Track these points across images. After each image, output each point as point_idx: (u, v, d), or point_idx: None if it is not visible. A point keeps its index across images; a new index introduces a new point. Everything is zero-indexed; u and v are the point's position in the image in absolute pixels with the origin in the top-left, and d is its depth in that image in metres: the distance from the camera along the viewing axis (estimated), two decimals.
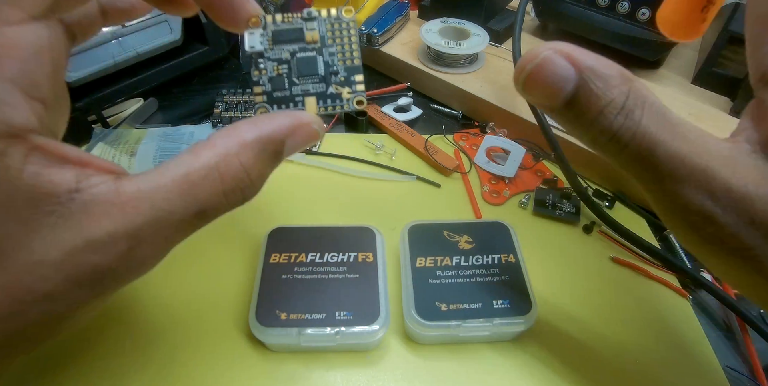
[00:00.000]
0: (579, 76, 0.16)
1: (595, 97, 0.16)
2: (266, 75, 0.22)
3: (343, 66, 0.22)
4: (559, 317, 0.30)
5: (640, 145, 0.17)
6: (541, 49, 0.17)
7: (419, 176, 0.38)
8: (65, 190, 0.15)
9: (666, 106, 0.17)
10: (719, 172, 0.16)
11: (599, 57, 0.17)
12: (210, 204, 0.17)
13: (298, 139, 0.19)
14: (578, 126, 0.18)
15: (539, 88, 0.17)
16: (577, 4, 0.46)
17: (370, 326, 0.26)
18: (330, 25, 0.22)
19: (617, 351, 0.29)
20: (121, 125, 0.40)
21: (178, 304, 0.30)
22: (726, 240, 0.17)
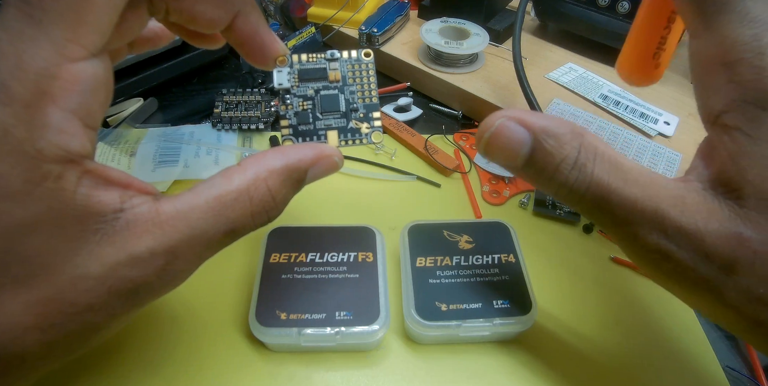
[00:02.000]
0: (533, 137, 0.18)
1: (549, 155, 0.18)
2: (292, 110, 0.24)
3: (362, 104, 0.24)
4: (559, 317, 0.30)
5: (594, 195, 0.18)
6: (496, 117, 0.19)
7: (419, 176, 0.38)
8: (111, 209, 0.17)
9: (617, 153, 0.19)
10: (669, 211, 0.18)
11: (551, 117, 0.19)
12: (239, 224, 0.19)
13: (320, 169, 0.21)
14: (539, 182, 0.19)
15: (499, 152, 0.19)
16: (577, 4, 0.46)
17: (370, 326, 0.26)
18: (351, 65, 0.25)
19: (617, 350, 0.29)
20: (121, 125, 0.40)
21: (177, 304, 0.30)
22: (685, 274, 0.18)
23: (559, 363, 0.28)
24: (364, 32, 0.46)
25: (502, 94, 0.42)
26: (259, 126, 0.40)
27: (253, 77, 0.46)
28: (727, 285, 0.17)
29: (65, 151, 0.16)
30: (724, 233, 0.17)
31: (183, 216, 0.18)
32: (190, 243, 0.18)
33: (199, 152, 0.38)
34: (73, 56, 0.16)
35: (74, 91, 0.16)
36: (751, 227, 0.17)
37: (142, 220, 0.17)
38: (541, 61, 0.46)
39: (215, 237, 0.19)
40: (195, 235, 0.18)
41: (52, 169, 0.15)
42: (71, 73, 0.16)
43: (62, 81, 0.16)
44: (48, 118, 0.15)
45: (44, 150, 0.15)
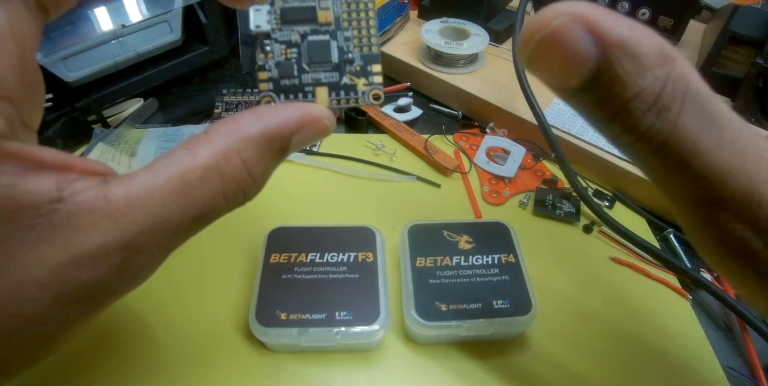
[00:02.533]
0: (603, 54, 0.13)
1: (621, 84, 0.13)
2: (273, 59, 0.19)
3: (359, 53, 0.20)
4: (559, 317, 0.30)
5: (672, 153, 0.13)
6: (554, 12, 0.13)
7: (419, 176, 0.38)
8: (46, 200, 0.13)
9: (715, 95, 0.14)
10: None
11: (634, 25, 0.13)
12: (209, 207, 0.15)
13: (307, 135, 0.17)
14: (597, 117, 0.14)
15: (548, 65, 0.14)
16: None
17: (370, 326, 0.26)
18: (346, 5, 0.20)
19: (617, 351, 0.29)
20: (121, 125, 0.40)
21: (177, 304, 0.30)
22: (765, 278, 0.14)
23: (559, 363, 0.28)
24: None
25: (502, 94, 0.42)
26: None
27: (253, 77, 0.46)
28: None
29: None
30: None
31: (139, 203, 0.14)
32: (151, 235, 0.15)
33: None
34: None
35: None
36: None
37: (88, 210, 0.14)
38: None
39: (181, 224, 0.15)
40: (156, 224, 0.15)
41: None
42: None
43: None
44: None
45: None
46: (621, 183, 0.38)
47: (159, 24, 0.41)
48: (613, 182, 0.38)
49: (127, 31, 0.39)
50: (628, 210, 0.37)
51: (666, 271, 0.33)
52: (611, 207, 0.37)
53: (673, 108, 0.13)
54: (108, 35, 0.38)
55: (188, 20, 0.43)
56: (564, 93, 0.14)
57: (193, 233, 0.16)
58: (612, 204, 0.37)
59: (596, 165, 0.38)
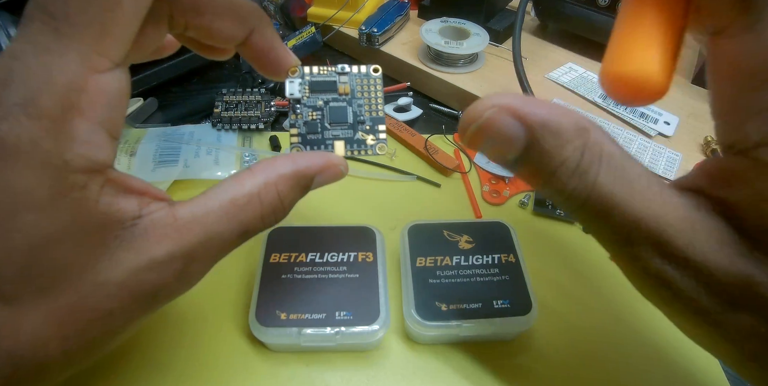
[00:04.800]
0: (528, 133, 0.16)
1: (547, 156, 0.16)
2: (302, 119, 0.25)
3: (369, 116, 0.25)
4: (560, 317, 0.30)
5: (594, 206, 0.16)
6: (484, 105, 0.16)
7: (419, 176, 0.38)
8: (130, 216, 0.17)
9: (626, 154, 0.16)
10: (676, 238, 0.15)
11: (550, 106, 0.16)
12: (251, 225, 0.20)
13: (326, 176, 0.22)
14: (533, 183, 0.17)
15: (486, 147, 0.17)
16: (577, 4, 0.46)
17: (370, 326, 0.26)
18: (359, 80, 0.25)
19: (617, 350, 0.29)
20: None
21: (177, 304, 0.30)
22: (685, 304, 0.16)
23: (559, 363, 0.28)
24: (364, 32, 0.46)
25: None
26: (259, 126, 0.40)
27: (253, 77, 0.46)
28: (728, 321, 0.16)
29: (91, 162, 0.16)
30: (735, 272, 0.15)
31: (199, 220, 0.18)
32: (207, 246, 0.18)
33: (199, 152, 0.38)
34: (99, 68, 0.16)
35: (100, 104, 0.16)
36: (765, 273, 0.15)
37: (160, 225, 0.17)
38: (541, 61, 0.46)
39: (229, 239, 0.19)
40: (211, 238, 0.18)
41: (78, 180, 0.16)
42: (97, 86, 0.16)
43: (89, 93, 0.16)
44: (75, 131, 0.16)
45: (71, 161, 0.15)
46: None
47: None
48: None
49: None
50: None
51: None
52: None
53: (591, 170, 0.15)
54: None
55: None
56: (504, 165, 0.17)
57: (235, 247, 0.20)
58: None
59: None
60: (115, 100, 0.17)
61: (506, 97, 0.16)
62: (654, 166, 0.36)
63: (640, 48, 0.17)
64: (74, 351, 0.17)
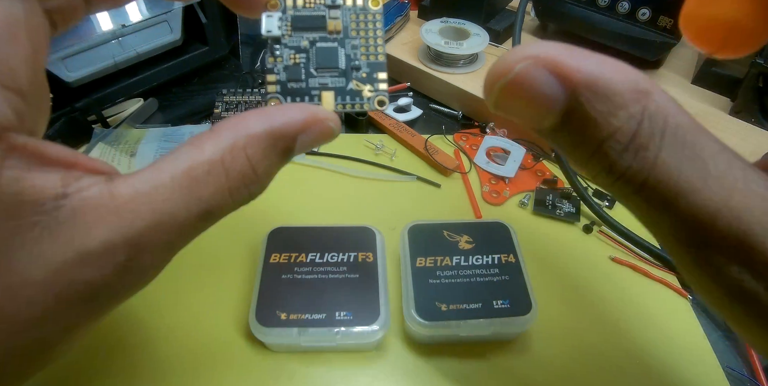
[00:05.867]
0: (571, 95, 0.12)
1: (593, 124, 0.12)
2: (282, 63, 0.20)
3: (366, 61, 0.20)
4: (559, 317, 0.30)
5: (654, 193, 0.12)
6: (516, 56, 0.13)
7: (419, 176, 0.38)
8: (51, 195, 0.13)
9: (699, 127, 0.13)
10: (765, 240, 0.12)
11: (603, 61, 0.13)
12: (214, 203, 0.15)
13: (312, 136, 0.17)
14: (574, 156, 0.14)
15: (515, 110, 0.14)
16: (577, 4, 0.46)
17: (370, 326, 0.26)
18: (354, 15, 0.21)
19: (617, 350, 0.29)
20: (121, 125, 0.40)
21: (177, 304, 0.30)
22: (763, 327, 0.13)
23: (559, 363, 0.28)
24: None
25: None
26: None
27: (253, 77, 0.46)
28: None
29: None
30: None
31: (145, 199, 0.14)
32: (157, 232, 0.14)
33: None
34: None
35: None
36: None
37: (93, 206, 0.13)
38: None
39: (187, 221, 0.15)
40: (162, 221, 0.14)
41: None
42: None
43: None
44: None
45: None
46: None
47: (159, 24, 0.41)
48: None
49: (127, 31, 0.39)
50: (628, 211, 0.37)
51: (666, 271, 0.33)
52: (611, 207, 0.37)
53: (650, 146, 0.12)
54: (108, 35, 0.38)
55: (188, 20, 0.43)
56: (539, 133, 0.14)
57: (198, 232, 0.16)
58: (612, 205, 0.37)
59: None
60: (7, 36, 0.13)
61: (545, 45, 0.13)
62: None
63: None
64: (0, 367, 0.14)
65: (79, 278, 0.13)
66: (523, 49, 0.13)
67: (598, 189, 0.38)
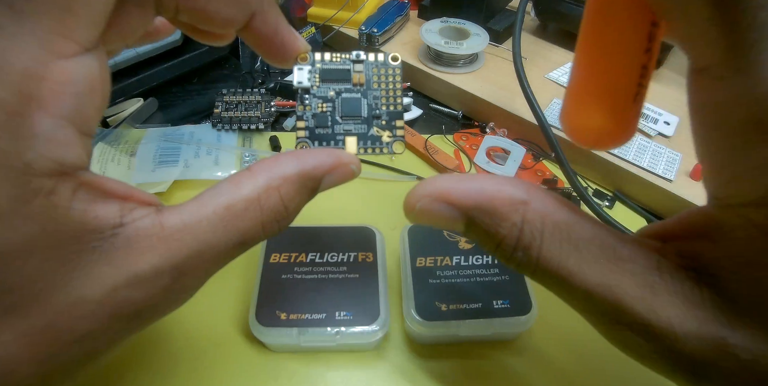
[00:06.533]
0: (464, 215, 0.16)
1: (486, 235, 0.16)
2: (311, 111, 0.22)
3: (386, 110, 0.22)
4: (559, 317, 0.30)
5: (545, 276, 0.16)
6: (416, 195, 0.17)
7: (419, 176, 0.38)
8: (110, 225, 0.15)
9: (576, 218, 0.16)
10: (634, 306, 0.14)
11: (485, 185, 0.16)
12: (249, 235, 0.17)
13: (336, 177, 0.19)
14: (484, 249, 0.17)
15: (431, 224, 0.17)
16: (577, 4, 0.46)
17: (370, 326, 0.26)
18: (376, 69, 0.23)
19: (617, 350, 0.29)
20: (121, 125, 0.40)
21: None
22: (654, 365, 0.16)
23: (559, 363, 0.28)
24: (364, 32, 0.46)
25: (502, 94, 0.42)
26: (259, 126, 0.40)
27: (253, 77, 0.46)
28: (700, 383, 0.15)
29: (57, 164, 0.14)
30: (704, 335, 0.14)
31: (190, 229, 0.16)
32: (199, 259, 0.16)
33: (199, 152, 0.38)
34: (63, 52, 0.14)
35: (65, 94, 0.14)
36: (741, 334, 0.14)
37: (145, 235, 0.15)
38: (541, 61, 0.46)
39: (225, 250, 0.17)
40: (203, 249, 0.16)
41: (44, 184, 0.14)
42: (61, 73, 0.14)
43: (51, 82, 0.14)
44: (36, 127, 0.13)
45: (33, 163, 0.13)
46: (621, 183, 0.38)
47: None
48: (613, 182, 0.38)
49: None
50: (628, 210, 0.37)
51: None
52: (611, 207, 0.37)
53: (533, 246, 0.15)
54: None
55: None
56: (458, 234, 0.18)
57: (231, 258, 0.18)
58: (612, 204, 0.37)
59: (596, 165, 0.38)
60: (85, 90, 0.15)
61: (437, 181, 0.16)
62: (654, 166, 0.36)
63: (592, 96, 0.16)
64: (50, 374, 0.15)
65: (130, 297, 0.15)
66: (422, 187, 0.17)
67: (598, 189, 0.38)
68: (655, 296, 0.14)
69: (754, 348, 0.13)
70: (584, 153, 0.38)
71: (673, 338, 0.14)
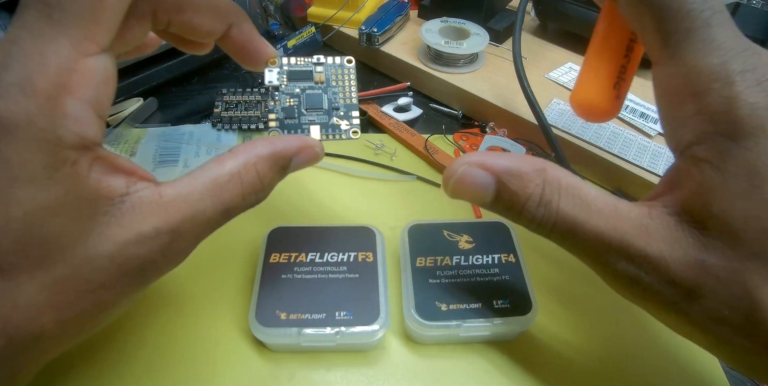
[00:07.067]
0: (496, 179, 0.20)
1: (514, 195, 0.20)
2: (280, 105, 0.26)
3: (343, 103, 0.27)
4: (560, 317, 0.30)
5: (562, 229, 0.19)
6: (458, 164, 0.21)
7: (419, 176, 0.38)
8: (118, 193, 0.18)
9: (582, 182, 0.20)
10: (633, 241, 0.18)
11: (512, 157, 0.20)
12: (232, 204, 0.21)
13: (303, 157, 0.23)
14: (510, 217, 0.21)
15: (466, 195, 0.21)
16: (577, 4, 0.46)
17: (370, 326, 0.26)
18: (334, 69, 0.27)
19: (617, 350, 0.29)
20: (121, 125, 0.40)
21: (177, 304, 0.30)
22: (654, 297, 0.19)
23: (559, 363, 0.28)
24: (364, 32, 0.46)
25: (502, 94, 0.42)
26: (259, 126, 0.40)
27: (252, 77, 0.46)
28: (692, 308, 0.18)
29: (82, 138, 0.17)
30: (688, 260, 0.18)
31: (184, 198, 0.19)
32: (192, 222, 0.19)
33: (199, 152, 0.38)
34: (88, 52, 0.17)
35: (89, 84, 0.17)
36: (714, 255, 0.17)
37: (147, 202, 0.18)
38: (541, 61, 0.46)
39: (212, 216, 0.20)
40: (195, 215, 0.19)
41: (70, 155, 0.16)
42: (87, 68, 0.17)
43: (79, 74, 0.17)
44: (67, 108, 0.16)
45: (63, 137, 0.16)
46: (621, 183, 0.38)
47: None
48: (613, 182, 0.38)
49: None
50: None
51: None
52: None
53: (552, 201, 0.19)
54: None
55: None
56: (483, 206, 0.21)
57: (218, 225, 0.21)
58: None
59: (596, 165, 0.38)
60: (103, 82, 0.18)
61: (474, 155, 0.21)
62: (654, 166, 0.36)
63: (587, 82, 0.24)
64: (67, 323, 0.18)
65: (135, 253, 0.18)
66: (462, 158, 0.21)
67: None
68: (649, 234, 0.18)
69: (728, 265, 0.17)
70: (584, 153, 0.38)
71: (665, 265, 0.18)
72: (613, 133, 0.39)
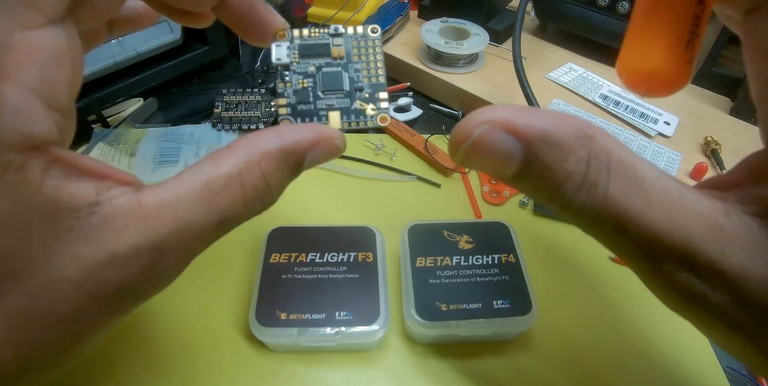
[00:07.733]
0: (526, 148, 0.14)
1: (549, 171, 0.14)
2: (291, 87, 0.21)
3: (368, 83, 0.22)
4: (559, 317, 0.30)
5: (607, 221, 0.14)
6: (474, 121, 0.15)
7: (419, 176, 0.38)
8: (85, 203, 0.14)
9: (638, 158, 0.15)
10: (704, 248, 0.14)
11: (549, 114, 0.14)
12: (231, 213, 0.17)
13: (320, 152, 0.18)
14: (538, 198, 0.15)
15: (479, 165, 0.16)
16: (577, 4, 0.46)
17: (370, 326, 0.26)
18: (356, 42, 0.22)
19: (617, 350, 0.29)
20: (121, 125, 0.40)
21: (177, 304, 0.30)
22: (719, 318, 0.14)
23: (559, 363, 0.28)
24: None
25: (502, 94, 0.42)
26: (260, 126, 0.40)
27: (253, 77, 0.46)
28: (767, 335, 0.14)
29: (26, 137, 0.13)
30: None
31: (169, 207, 0.15)
32: (179, 238, 0.16)
33: (199, 152, 0.38)
34: (29, 24, 0.14)
35: (32, 65, 0.14)
36: None
37: (123, 214, 0.15)
38: (541, 61, 0.46)
39: (206, 228, 0.16)
40: (184, 228, 0.16)
41: (13, 159, 0.13)
42: (28, 43, 0.14)
43: (17, 52, 0.13)
44: (2, 98, 0.13)
45: (1, 136, 0.13)
46: None
47: (159, 24, 0.41)
48: None
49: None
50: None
51: None
52: None
53: (600, 183, 0.14)
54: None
55: None
56: (503, 181, 0.16)
57: (214, 238, 0.17)
58: None
59: None
60: (52, 61, 0.14)
61: (497, 109, 0.15)
62: None
63: (648, 42, 0.17)
64: (30, 359, 0.15)
65: (109, 278, 0.15)
66: (480, 114, 0.15)
67: None
68: (725, 240, 0.14)
69: None
70: None
71: (743, 284, 0.13)
72: (613, 133, 0.39)
